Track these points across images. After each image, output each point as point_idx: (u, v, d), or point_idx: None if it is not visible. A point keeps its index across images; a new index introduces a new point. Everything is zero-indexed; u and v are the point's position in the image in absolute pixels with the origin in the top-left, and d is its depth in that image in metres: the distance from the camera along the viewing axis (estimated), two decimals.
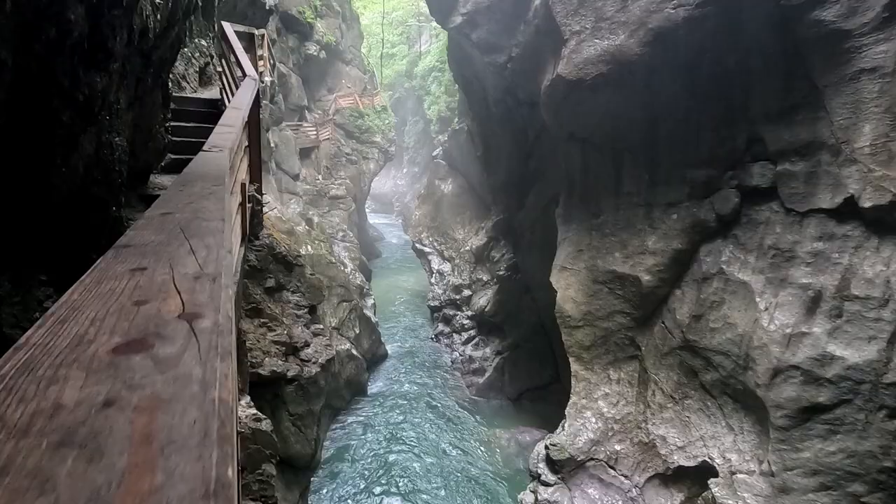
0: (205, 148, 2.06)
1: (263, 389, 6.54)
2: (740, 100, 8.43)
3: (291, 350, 7.10)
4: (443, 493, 11.41)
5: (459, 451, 12.85)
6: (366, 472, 11.89)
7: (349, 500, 11.00)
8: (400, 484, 11.60)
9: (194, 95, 7.20)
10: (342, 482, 11.45)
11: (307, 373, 7.24)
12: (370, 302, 18.48)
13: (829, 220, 7.48)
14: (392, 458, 12.45)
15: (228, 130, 2.47)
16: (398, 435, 13.36)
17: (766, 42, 7.87)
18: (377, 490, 11.37)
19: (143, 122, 4.08)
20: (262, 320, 6.70)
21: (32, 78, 1.71)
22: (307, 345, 7.46)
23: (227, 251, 0.72)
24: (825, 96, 7.40)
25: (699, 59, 8.58)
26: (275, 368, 6.60)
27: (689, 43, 8.48)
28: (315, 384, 7.56)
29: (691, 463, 8.82)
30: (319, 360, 7.53)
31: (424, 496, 11.29)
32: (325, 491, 11.20)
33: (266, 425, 4.50)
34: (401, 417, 14.18)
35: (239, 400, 4.23)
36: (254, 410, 4.53)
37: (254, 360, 6.18)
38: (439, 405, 14.92)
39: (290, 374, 6.89)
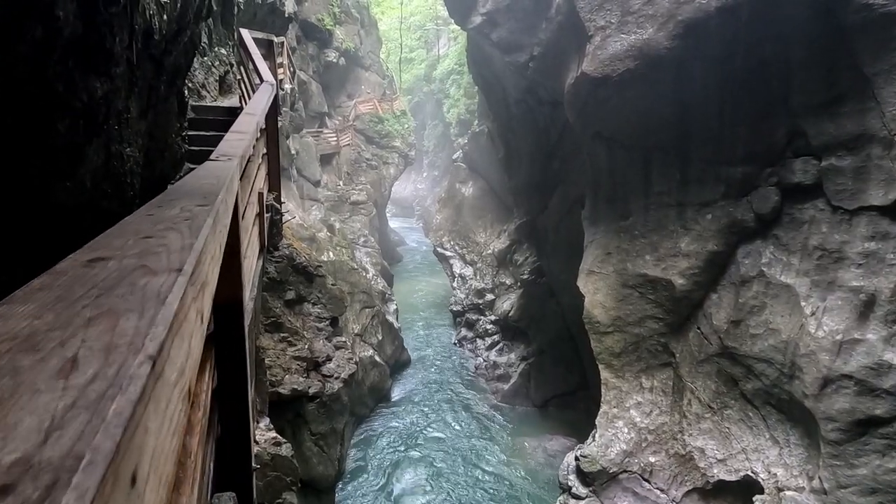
0: (212, 157, 1.88)
1: (284, 409, 6.32)
2: (779, 92, 7.97)
3: (313, 365, 6.89)
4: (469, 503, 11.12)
5: (485, 460, 12.54)
6: (389, 482, 11.69)
7: None
8: (424, 494, 11.36)
9: (213, 104, 7.14)
10: (365, 492, 11.27)
11: (329, 389, 7.03)
12: (392, 307, 18.33)
13: (881, 217, 6.97)
14: (416, 466, 12.23)
15: (240, 137, 2.29)
16: (422, 443, 13.13)
17: (807, 29, 7.40)
18: (400, 499, 11.15)
19: (159, 131, 3.95)
20: (282, 335, 6.51)
21: (19, 83, 1.55)
22: (329, 359, 7.26)
23: (148, 357, 0.43)
24: (875, 85, 6.90)
25: (733, 50, 8.14)
26: (296, 386, 6.39)
27: (723, 34, 8.06)
28: (338, 401, 7.36)
29: (733, 477, 8.34)
30: (342, 375, 7.33)
31: None
32: (348, 500, 11.03)
33: (286, 450, 4.28)
34: (424, 425, 13.95)
35: (258, 423, 4.07)
36: (273, 434, 4.31)
37: (273, 379, 5.98)
38: (463, 412, 14.64)
39: (311, 391, 6.67)
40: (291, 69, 15.78)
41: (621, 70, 8.96)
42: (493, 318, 17.74)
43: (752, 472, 8.06)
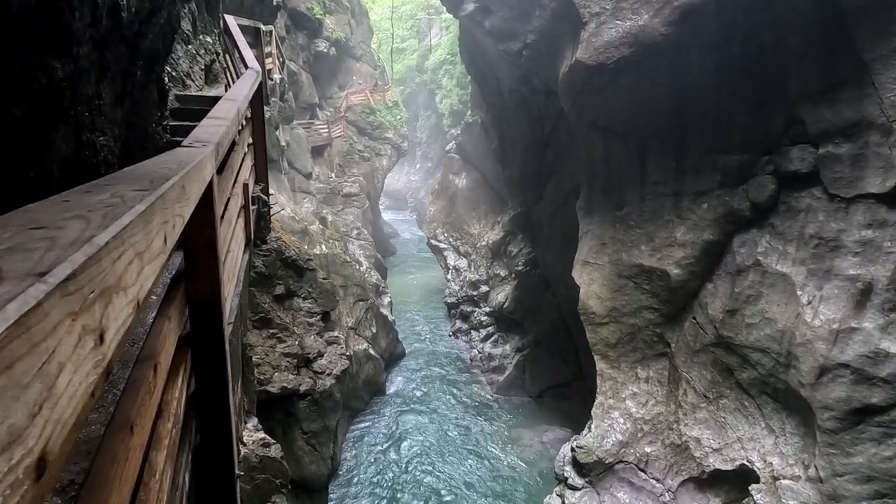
0: (184, 143, 1.74)
1: (273, 408, 6.16)
2: (776, 79, 7.86)
3: (303, 362, 6.73)
4: (465, 496, 11.09)
5: (481, 452, 12.53)
6: (385, 475, 11.64)
7: None
8: (421, 486, 11.32)
9: (199, 93, 6.91)
10: (361, 488, 11.21)
11: (321, 386, 6.88)
12: (386, 300, 18.21)
13: (879, 205, 6.91)
14: (412, 459, 12.19)
15: (218, 123, 2.14)
16: (418, 435, 13.09)
17: (806, 15, 7.28)
18: (397, 493, 11.11)
19: (137, 120, 3.78)
20: (271, 331, 6.33)
21: None
22: (320, 355, 7.10)
23: None
24: (873, 71, 6.81)
25: (731, 37, 8.02)
26: (285, 384, 6.22)
27: (720, 20, 7.93)
28: (330, 398, 7.21)
29: (728, 466, 8.35)
30: (334, 372, 7.18)
31: (446, 499, 10.99)
32: (344, 495, 10.98)
33: (275, 451, 4.14)
34: (420, 417, 13.90)
35: (245, 423, 3.94)
36: (262, 434, 4.16)
37: (262, 377, 5.81)
38: (459, 404, 14.61)
39: (302, 388, 6.51)
40: (280, 59, 15.46)
41: (616, 57, 8.81)
42: (487, 309, 17.67)
43: (747, 461, 8.06)
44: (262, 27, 10.74)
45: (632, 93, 9.09)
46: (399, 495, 11.07)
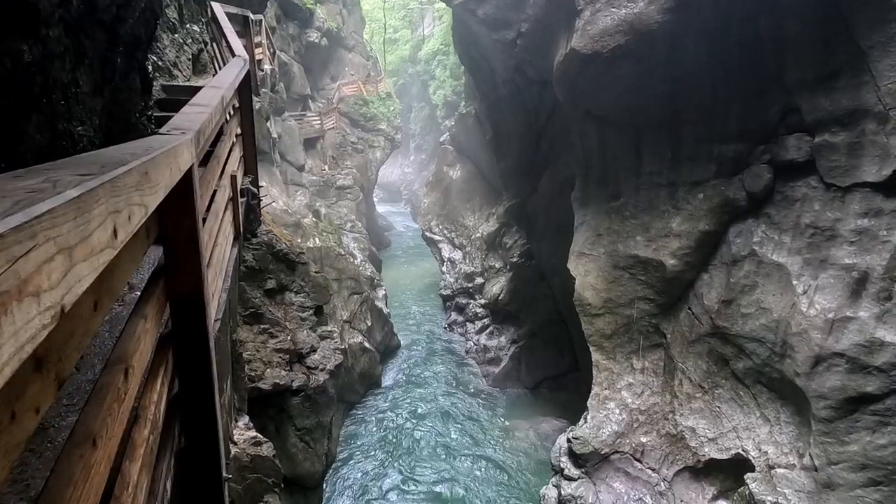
0: (161, 130, 1.64)
1: (265, 405, 6.07)
2: (773, 67, 7.79)
3: (296, 357, 6.65)
4: (462, 488, 11.11)
5: (477, 444, 12.54)
6: (380, 468, 11.63)
7: (364, 496, 10.76)
8: (416, 478, 11.32)
9: (186, 84, 6.75)
10: (356, 482, 11.19)
11: (314, 381, 6.80)
12: (381, 293, 18.13)
13: (875, 194, 6.89)
14: (407, 452, 12.18)
15: (199, 111, 2.04)
16: (413, 428, 13.08)
17: (803, 2, 7.19)
18: (392, 485, 11.11)
19: (119, 110, 3.65)
20: (262, 326, 6.22)
21: None
22: (314, 350, 7.02)
23: None
24: (870, 58, 6.75)
25: (727, 25, 7.93)
26: (278, 380, 6.12)
27: (717, 8, 7.84)
28: (324, 393, 7.13)
29: (723, 455, 8.38)
30: (328, 367, 7.11)
31: (443, 492, 11.00)
32: (339, 487, 10.96)
33: (267, 449, 4.05)
34: (416, 409, 13.89)
35: (236, 422, 3.85)
36: (253, 433, 4.07)
37: (253, 374, 5.73)
38: (455, 396, 14.61)
39: (295, 384, 6.42)
40: (271, 49, 15.19)
41: (612, 46, 8.70)
42: (482, 301, 17.63)
43: (742, 450, 8.10)
44: (252, 16, 10.53)
45: (627, 82, 9.00)
46: (395, 488, 11.07)
